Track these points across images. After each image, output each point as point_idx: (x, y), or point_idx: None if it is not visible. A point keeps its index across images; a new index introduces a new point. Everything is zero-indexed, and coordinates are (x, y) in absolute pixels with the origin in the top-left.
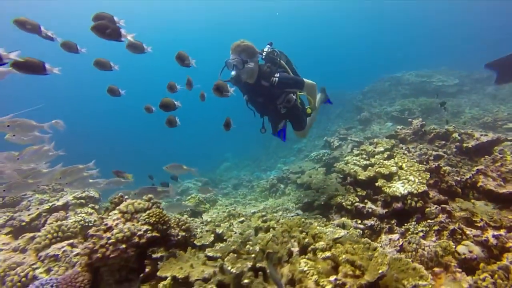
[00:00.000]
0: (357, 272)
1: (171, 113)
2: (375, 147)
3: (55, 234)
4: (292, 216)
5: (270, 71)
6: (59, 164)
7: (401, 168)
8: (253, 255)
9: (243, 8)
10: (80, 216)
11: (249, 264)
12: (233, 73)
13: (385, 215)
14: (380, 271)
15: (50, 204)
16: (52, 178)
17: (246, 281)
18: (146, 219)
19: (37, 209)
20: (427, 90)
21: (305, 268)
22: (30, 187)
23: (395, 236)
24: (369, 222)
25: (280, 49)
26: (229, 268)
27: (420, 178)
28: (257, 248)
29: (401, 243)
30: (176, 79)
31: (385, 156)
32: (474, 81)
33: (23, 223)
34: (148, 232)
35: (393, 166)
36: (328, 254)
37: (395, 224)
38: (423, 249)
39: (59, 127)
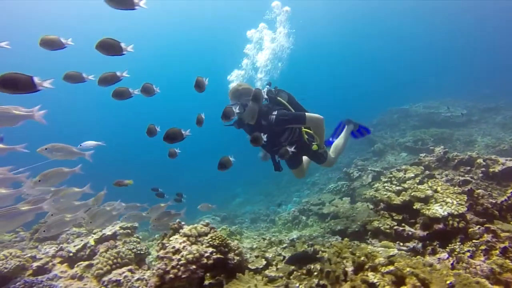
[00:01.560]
0: (418, 284)
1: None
2: (405, 174)
3: (115, 261)
4: (335, 240)
5: (267, 110)
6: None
7: (436, 191)
8: (315, 273)
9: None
10: (132, 244)
11: (316, 280)
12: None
13: (426, 237)
14: (448, 282)
15: (100, 234)
16: (83, 219)
17: None
18: (210, 242)
19: (81, 240)
20: (436, 121)
21: (375, 280)
22: (67, 225)
23: (444, 255)
24: (411, 244)
25: (284, 79)
26: (297, 285)
27: (458, 200)
28: (318, 267)
29: (451, 262)
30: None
31: (417, 181)
32: (481, 110)
33: (71, 254)
34: (214, 253)
35: (428, 189)
36: (391, 268)
37: (437, 245)
38: (475, 268)
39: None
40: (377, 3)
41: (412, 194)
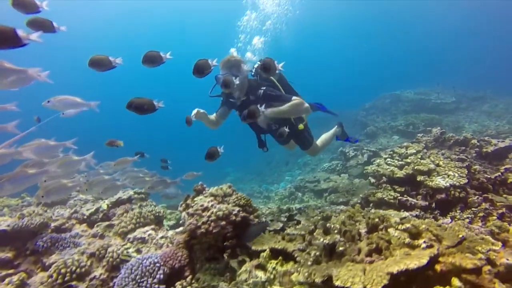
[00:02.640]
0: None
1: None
2: (407, 150)
3: (138, 220)
4: (342, 208)
5: (256, 85)
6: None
7: (438, 165)
8: (336, 231)
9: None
10: (150, 207)
11: (338, 236)
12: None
13: (428, 206)
14: (460, 236)
15: (116, 197)
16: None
17: (341, 248)
18: (236, 201)
19: (93, 205)
20: (427, 107)
21: (396, 234)
22: (69, 190)
23: (447, 220)
24: (413, 213)
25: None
26: (321, 240)
27: (459, 172)
28: (337, 226)
29: None
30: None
31: (419, 156)
32: (470, 99)
33: (85, 217)
34: (240, 212)
35: (430, 163)
36: (407, 225)
37: (438, 214)
38: (474, 231)
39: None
40: None
41: (415, 167)
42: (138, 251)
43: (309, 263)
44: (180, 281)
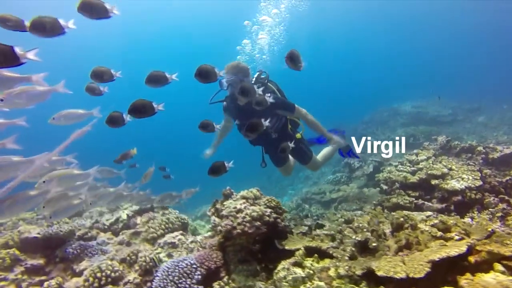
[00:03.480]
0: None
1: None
2: (417, 156)
3: (166, 226)
4: (360, 212)
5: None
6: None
7: (451, 169)
8: (364, 229)
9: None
10: (174, 214)
11: (369, 234)
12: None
13: (444, 208)
14: (490, 229)
15: (141, 206)
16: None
17: (374, 244)
18: (267, 203)
19: (112, 215)
20: (424, 119)
21: (427, 228)
22: (75, 209)
23: (468, 220)
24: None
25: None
26: (353, 237)
27: (473, 175)
28: (366, 224)
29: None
30: None
31: (431, 162)
32: (466, 111)
33: (105, 226)
34: (272, 213)
35: (443, 168)
36: (435, 221)
37: (455, 215)
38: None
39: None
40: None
41: (428, 172)
42: (169, 255)
43: (346, 258)
44: (218, 282)
